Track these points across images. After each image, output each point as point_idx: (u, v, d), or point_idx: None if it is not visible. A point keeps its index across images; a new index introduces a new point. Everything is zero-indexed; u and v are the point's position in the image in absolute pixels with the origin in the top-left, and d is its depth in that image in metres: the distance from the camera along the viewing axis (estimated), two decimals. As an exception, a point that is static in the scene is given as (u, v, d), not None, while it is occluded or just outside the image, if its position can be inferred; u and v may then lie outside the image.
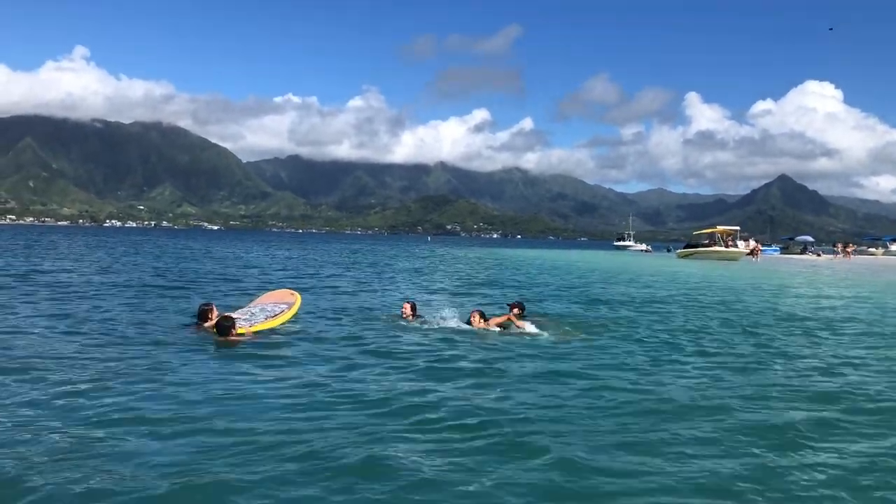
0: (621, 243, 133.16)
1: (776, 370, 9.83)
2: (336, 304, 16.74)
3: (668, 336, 13.05)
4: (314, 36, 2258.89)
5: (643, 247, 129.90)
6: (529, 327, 12.87)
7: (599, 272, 37.71)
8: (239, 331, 11.05)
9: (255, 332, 11.38)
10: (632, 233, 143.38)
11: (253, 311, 12.58)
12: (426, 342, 11.35)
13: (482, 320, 13.16)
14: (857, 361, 10.71)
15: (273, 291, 14.93)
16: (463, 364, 9.59)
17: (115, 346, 10.16)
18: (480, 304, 16.32)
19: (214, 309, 11.89)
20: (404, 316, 13.80)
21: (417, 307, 14.24)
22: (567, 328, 13.53)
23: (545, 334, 12.46)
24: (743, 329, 14.26)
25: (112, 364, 8.76)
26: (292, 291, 14.24)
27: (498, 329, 12.84)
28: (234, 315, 11.79)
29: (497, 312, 14.34)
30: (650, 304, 19.32)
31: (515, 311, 13.82)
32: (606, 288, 25.71)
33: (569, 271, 38.00)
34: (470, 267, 40.91)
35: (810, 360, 10.71)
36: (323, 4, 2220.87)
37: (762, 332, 13.80)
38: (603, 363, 10.01)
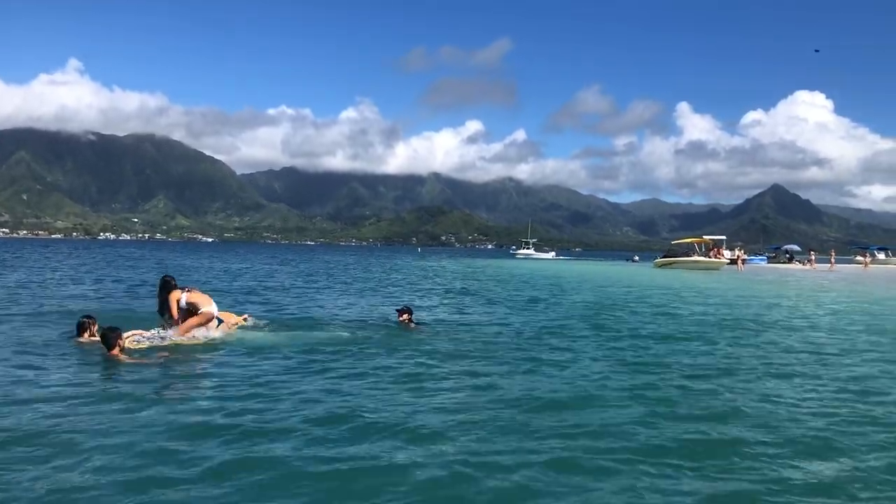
0: (521, 252, 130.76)
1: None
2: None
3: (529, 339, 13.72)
4: (308, 48, 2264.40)
5: (550, 254, 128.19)
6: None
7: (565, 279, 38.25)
8: (128, 345, 10.81)
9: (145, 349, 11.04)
10: (531, 241, 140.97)
11: (164, 333, 11.96)
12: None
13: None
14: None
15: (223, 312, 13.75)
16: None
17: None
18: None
19: (95, 323, 11.59)
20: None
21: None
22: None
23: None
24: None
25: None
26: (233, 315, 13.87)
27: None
28: (146, 333, 11.54)
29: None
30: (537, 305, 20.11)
31: (405, 316, 14.60)
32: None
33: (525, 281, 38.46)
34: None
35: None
36: (316, 16, 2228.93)
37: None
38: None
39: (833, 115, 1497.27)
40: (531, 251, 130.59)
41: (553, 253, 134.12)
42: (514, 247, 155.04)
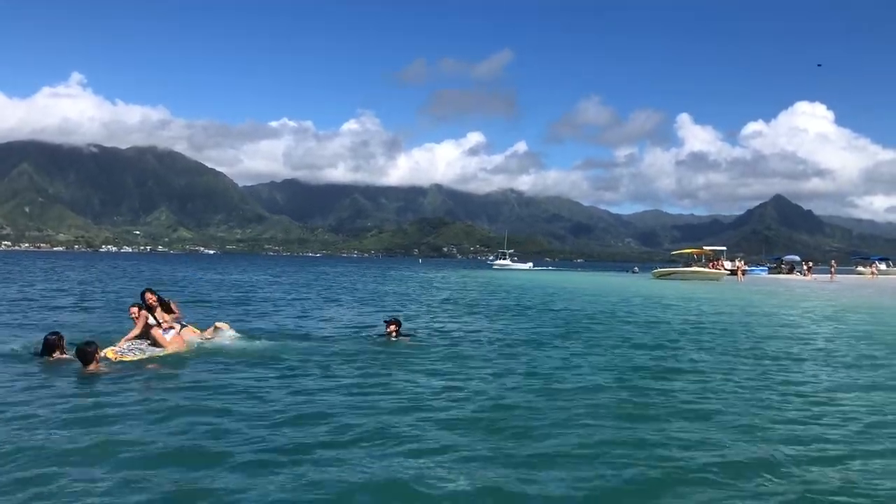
0: (499, 262, 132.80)
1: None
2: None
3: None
4: (309, 60, 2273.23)
5: (527, 265, 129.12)
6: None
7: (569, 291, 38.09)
8: (108, 355, 10.69)
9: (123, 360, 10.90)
10: (508, 252, 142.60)
11: (138, 345, 11.80)
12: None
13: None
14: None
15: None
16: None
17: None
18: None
19: (63, 339, 11.20)
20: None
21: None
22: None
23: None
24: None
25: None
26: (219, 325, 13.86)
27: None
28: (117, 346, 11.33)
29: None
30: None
31: (392, 327, 14.51)
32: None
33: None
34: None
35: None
36: (317, 29, 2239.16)
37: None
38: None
39: (834, 125, 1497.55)
40: (507, 262, 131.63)
41: (530, 264, 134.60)
42: (491, 257, 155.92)
